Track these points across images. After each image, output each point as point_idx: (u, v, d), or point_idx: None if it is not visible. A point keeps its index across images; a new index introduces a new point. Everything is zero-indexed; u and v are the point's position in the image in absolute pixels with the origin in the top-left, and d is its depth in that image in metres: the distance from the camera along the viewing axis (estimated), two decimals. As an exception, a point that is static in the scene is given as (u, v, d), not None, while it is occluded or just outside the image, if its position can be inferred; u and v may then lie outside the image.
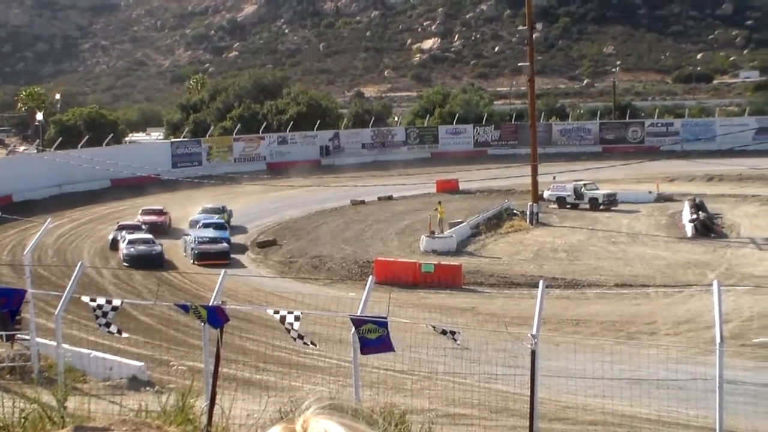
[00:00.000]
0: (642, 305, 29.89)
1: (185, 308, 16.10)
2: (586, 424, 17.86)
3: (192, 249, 39.42)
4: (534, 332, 13.74)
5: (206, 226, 43.00)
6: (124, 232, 41.40)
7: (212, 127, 79.23)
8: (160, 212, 48.95)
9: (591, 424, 17.79)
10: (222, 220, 45.28)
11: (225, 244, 40.36)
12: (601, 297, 31.51)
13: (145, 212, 48.56)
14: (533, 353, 13.08)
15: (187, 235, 42.26)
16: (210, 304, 15.31)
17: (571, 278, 33.81)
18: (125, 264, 37.81)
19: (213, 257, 38.11)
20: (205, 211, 47.88)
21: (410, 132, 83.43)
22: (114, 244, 41.58)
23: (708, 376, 14.77)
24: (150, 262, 37.80)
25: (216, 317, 14.35)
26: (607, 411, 18.19)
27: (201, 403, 12.34)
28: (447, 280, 33.76)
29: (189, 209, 49.79)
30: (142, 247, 38.63)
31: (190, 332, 24.67)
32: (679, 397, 17.54)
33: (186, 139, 76.26)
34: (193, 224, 45.48)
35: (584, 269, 35.56)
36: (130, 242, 39.03)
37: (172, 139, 78.74)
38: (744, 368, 20.22)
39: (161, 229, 45.76)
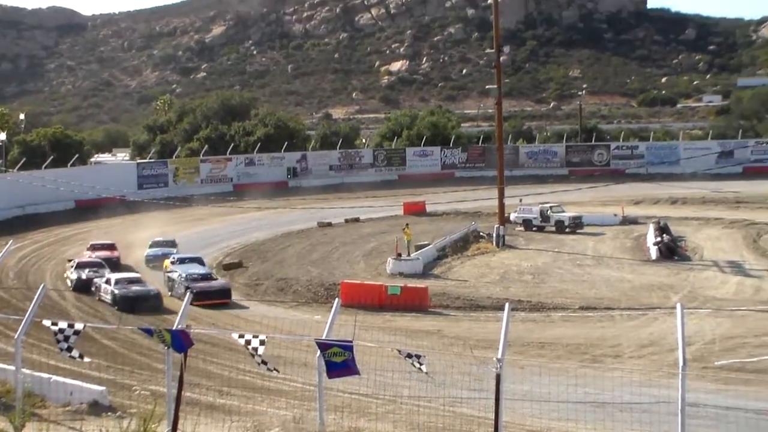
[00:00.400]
0: (607, 328, 30.00)
1: (149, 332, 15.91)
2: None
3: (186, 288, 34.07)
4: (499, 356, 13.73)
5: (181, 261, 39.41)
6: (89, 271, 37.83)
7: (179, 149, 78.99)
8: (111, 246, 45.01)
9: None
10: (198, 255, 41.80)
11: (224, 281, 37.41)
12: (567, 320, 31.60)
13: (95, 247, 44.40)
14: (498, 377, 13.07)
15: (170, 272, 37.97)
16: (174, 327, 15.17)
17: (537, 301, 33.89)
18: (114, 307, 33.79)
19: (214, 296, 34.81)
20: (157, 244, 44.97)
21: (378, 154, 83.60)
22: (83, 285, 37.16)
23: (671, 399, 14.81)
24: (147, 304, 33.58)
25: (180, 341, 14.20)
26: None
27: (163, 429, 12.21)
28: (413, 302, 33.72)
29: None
30: (137, 288, 34.59)
31: (153, 356, 24.42)
32: (642, 420, 17.57)
33: (152, 160, 75.91)
34: (151, 259, 43.06)
35: (550, 292, 35.67)
36: (119, 282, 34.91)
37: (138, 160, 78.38)
38: (706, 391, 20.34)
39: (116, 265, 41.57)
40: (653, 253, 42.18)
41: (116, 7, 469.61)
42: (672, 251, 42.05)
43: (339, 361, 13.58)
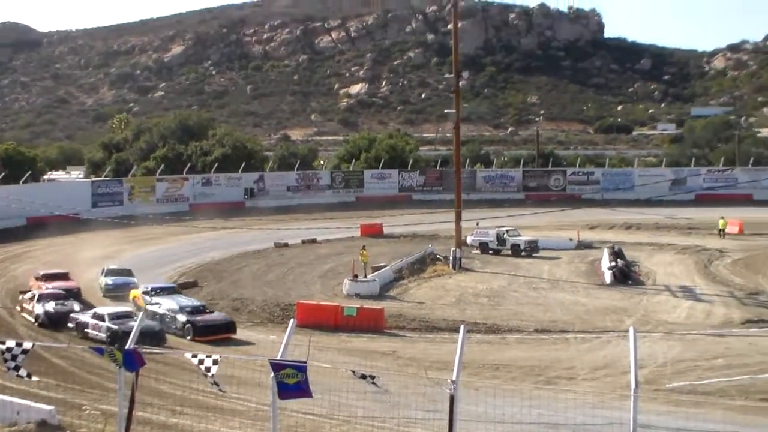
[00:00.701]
0: (561, 350, 30.15)
1: (100, 351, 15.71)
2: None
3: (185, 323, 32.15)
4: (453, 377, 13.76)
5: (158, 292, 35.96)
6: (56, 304, 34.01)
7: (135, 167, 78.33)
8: (65, 276, 40.46)
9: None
10: (173, 284, 39.16)
11: (223, 314, 33.82)
12: (522, 342, 31.71)
13: (48, 277, 39.66)
14: (452, 398, 13.08)
15: (153, 305, 34.28)
16: (126, 347, 14.98)
17: (492, 323, 33.98)
18: (114, 345, 29.55)
19: (219, 331, 31.81)
20: (113, 272, 41.33)
21: (336, 176, 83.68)
22: (54, 320, 33.06)
23: (623, 421, 14.93)
24: (151, 341, 28.89)
25: (132, 360, 14.05)
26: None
27: (112, 447, 12.00)
28: (369, 323, 33.62)
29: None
30: (145, 323, 30.19)
31: (105, 375, 24.07)
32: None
33: (107, 178, 75.23)
34: (111, 289, 39.65)
35: (505, 314, 35.81)
36: (116, 318, 31.15)
37: (93, 178, 77.54)
38: (657, 413, 20.50)
39: (75, 297, 36.86)
40: (608, 277, 42.58)
41: (73, 24, 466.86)
42: (626, 276, 42.49)
43: (292, 382, 13.51)
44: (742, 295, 38.59)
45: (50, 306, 33.89)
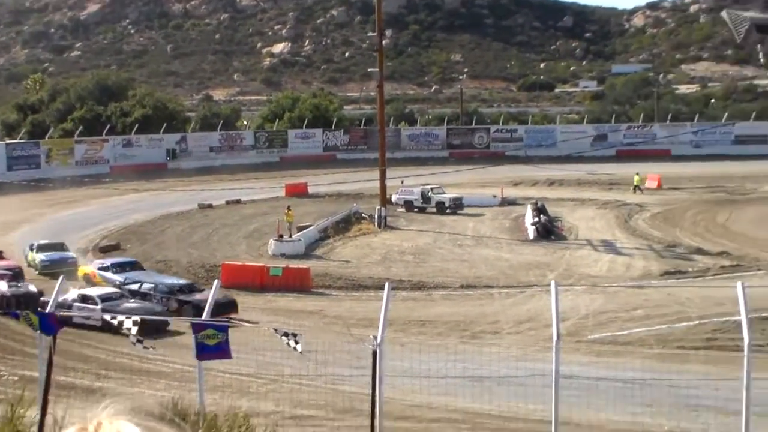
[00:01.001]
0: (486, 306, 30.60)
1: (15, 315, 15.39)
2: (430, 421, 18.12)
3: (182, 304, 29.47)
4: (378, 334, 13.86)
5: (121, 267, 33.30)
6: (8, 284, 30.33)
7: (52, 129, 76.32)
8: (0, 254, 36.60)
9: (435, 422, 18.07)
10: (133, 259, 36.25)
11: (225, 294, 29.05)
12: (447, 298, 32.07)
13: None
14: (374, 354, 13.18)
15: (128, 283, 31.38)
16: (46, 310, 14.72)
17: (418, 280, 34.28)
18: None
19: (222, 311, 27.65)
20: (46, 248, 37.71)
21: (259, 136, 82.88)
22: (14, 303, 28.14)
23: (546, 372, 15.26)
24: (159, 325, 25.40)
25: (48, 324, 13.82)
26: (451, 408, 18.52)
27: (33, 413, 11.79)
28: (295, 283, 33.62)
29: None
30: (136, 306, 27.86)
31: (25, 341, 23.61)
32: (518, 393, 18.04)
33: (23, 141, 73.11)
34: (48, 266, 35.87)
35: (431, 271, 36.13)
36: (108, 300, 28.17)
37: (8, 141, 75.31)
38: (579, 363, 21.01)
39: (17, 277, 32.93)
40: (531, 233, 43.20)
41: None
42: (549, 231, 43.19)
43: (212, 343, 13.47)
44: (661, 248, 39.60)
45: (3, 288, 30.08)
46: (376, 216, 46.65)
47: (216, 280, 17.63)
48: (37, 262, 36.98)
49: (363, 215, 48.28)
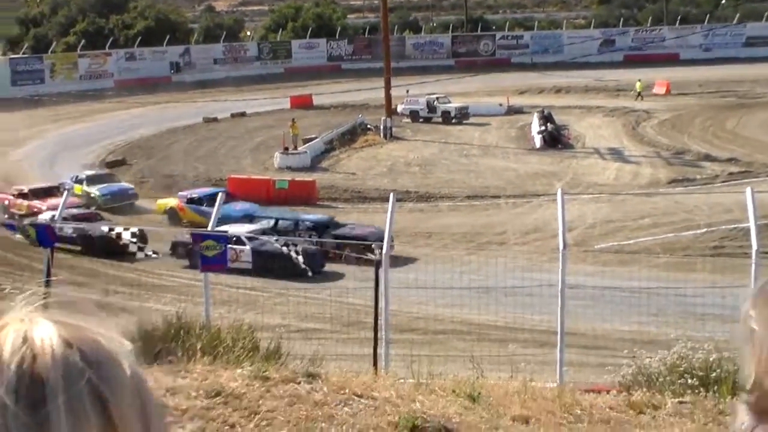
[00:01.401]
0: (492, 216, 30.61)
1: (11, 227, 15.39)
2: (435, 333, 18.26)
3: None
4: (384, 245, 13.85)
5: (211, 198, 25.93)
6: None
7: (55, 43, 75.47)
8: (56, 190, 31.73)
9: (440, 333, 18.22)
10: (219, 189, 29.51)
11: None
12: (454, 209, 32.07)
13: (37, 193, 32.24)
14: (377, 264, 13.18)
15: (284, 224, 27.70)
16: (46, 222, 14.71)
17: (424, 191, 34.23)
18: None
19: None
20: (93, 180, 34.37)
21: (263, 47, 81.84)
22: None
23: (552, 282, 15.24)
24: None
25: (45, 235, 13.82)
26: (457, 320, 18.66)
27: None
28: (301, 195, 33.62)
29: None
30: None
31: (35, 257, 23.73)
32: (525, 303, 18.11)
33: (26, 55, 72.37)
34: (109, 200, 32.48)
35: (437, 182, 36.05)
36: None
37: (11, 56, 74.58)
38: (585, 273, 21.04)
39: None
40: (537, 141, 42.91)
41: None
42: (556, 140, 42.87)
43: (211, 254, 13.45)
44: (669, 155, 39.35)
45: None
46: (381, 127, 46.34)
47: (221, 192, 17.48)
48: (95, 197, 33.31)
49: (368, 126, 47.94)
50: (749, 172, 34.77)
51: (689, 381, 10.12)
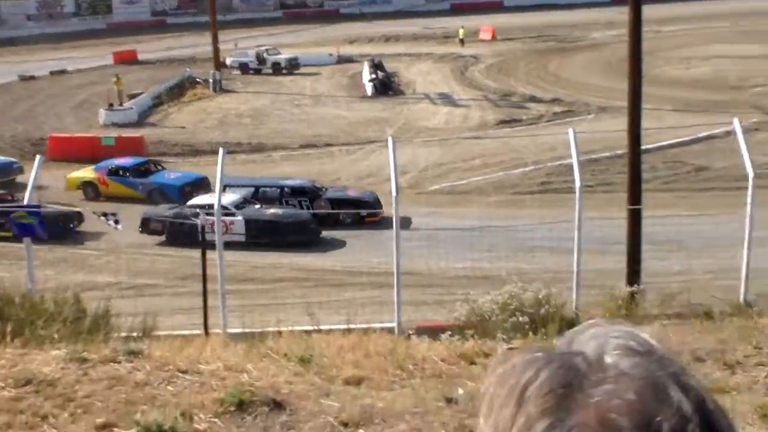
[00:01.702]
0: (326, 164, 30.58)
1: None
2: (274, 281, 18.07)
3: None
4: (216, 201, 13.58)
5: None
6: None
7: None
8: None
9: (279, 281, 18.04)
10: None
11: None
12: (287, 158, 31.84)
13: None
14: (202, 228, 12.93)
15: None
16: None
17: (257, 142, 33.81)
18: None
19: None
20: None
21: (81, 2, 78.15)
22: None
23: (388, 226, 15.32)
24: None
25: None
26: (295, 267, 18.54)
27: None
28: (129, 151, 32.42)
29: None
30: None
31: None
32: (362, 248, 18.19)
33: None
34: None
35: (269, 133, 35.66)
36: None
37: None
38: (420, 214, 21.29)
39: None
40: (369, 89, 43.06)
41: None
42: (386, 87, 43.16)
43: (26, 222, 13.21)
44: (496, 98, 40.31)
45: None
46: (210, 80, 45.35)
47: (38, 156, 16.52)
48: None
49: (197, 79, 46.77)
50: (571, 111, 36.07)
51: (520, 319, 10.41)
